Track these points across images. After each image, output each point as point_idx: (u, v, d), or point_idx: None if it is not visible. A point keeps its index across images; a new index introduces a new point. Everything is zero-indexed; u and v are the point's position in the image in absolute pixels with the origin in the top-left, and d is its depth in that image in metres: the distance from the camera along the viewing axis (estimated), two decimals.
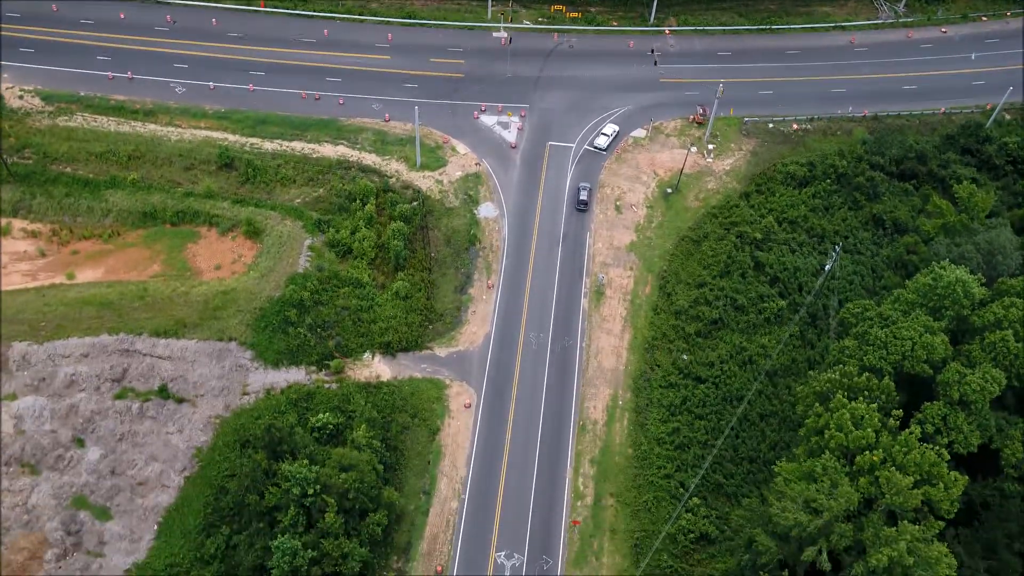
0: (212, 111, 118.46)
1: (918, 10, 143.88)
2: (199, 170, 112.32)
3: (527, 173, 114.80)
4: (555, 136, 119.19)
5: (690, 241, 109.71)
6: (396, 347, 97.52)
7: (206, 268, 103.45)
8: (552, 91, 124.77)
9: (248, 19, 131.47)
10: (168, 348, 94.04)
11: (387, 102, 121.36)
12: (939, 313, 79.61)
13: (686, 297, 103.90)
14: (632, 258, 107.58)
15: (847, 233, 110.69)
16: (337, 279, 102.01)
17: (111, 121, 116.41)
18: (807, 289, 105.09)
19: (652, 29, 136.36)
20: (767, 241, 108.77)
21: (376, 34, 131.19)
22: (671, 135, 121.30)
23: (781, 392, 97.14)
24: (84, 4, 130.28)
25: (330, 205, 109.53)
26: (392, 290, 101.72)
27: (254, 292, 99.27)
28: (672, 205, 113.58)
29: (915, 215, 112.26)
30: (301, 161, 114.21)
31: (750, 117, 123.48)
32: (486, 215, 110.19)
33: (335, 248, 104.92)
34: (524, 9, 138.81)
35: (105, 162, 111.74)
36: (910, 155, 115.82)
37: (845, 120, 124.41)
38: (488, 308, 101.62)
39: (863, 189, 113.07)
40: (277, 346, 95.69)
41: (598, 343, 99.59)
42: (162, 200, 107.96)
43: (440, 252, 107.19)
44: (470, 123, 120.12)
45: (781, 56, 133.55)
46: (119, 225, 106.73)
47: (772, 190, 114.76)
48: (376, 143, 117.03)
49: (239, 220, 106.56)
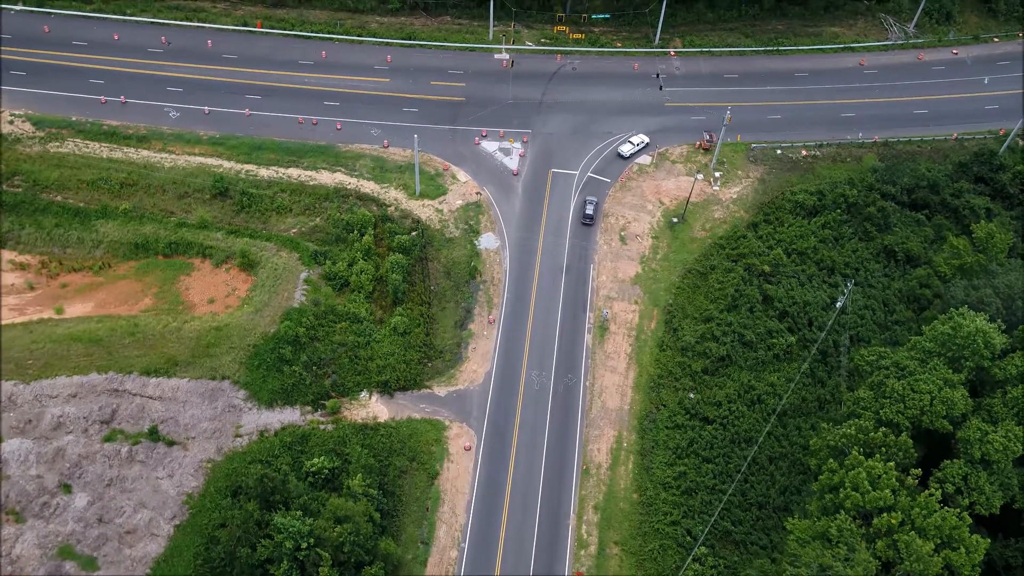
0: (207, 137, 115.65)
1: (928, 30, 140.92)
2: (193, 199, 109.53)
3: (529, 202, 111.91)
4: (558, 163, 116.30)
5: (696, 274, 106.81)
6: (394, 386, 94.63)
7: (199, 302, 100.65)
8: (555, 115, 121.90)
9: (244, 40, 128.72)
10: (159, 388, 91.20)
11: (386, 127, 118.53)
12: (958, 363, 76.67)
13: (692, 333, 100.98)
14: (637, 291, 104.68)
15: (858, 265, 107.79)
16: (334, 313, 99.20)
17: (103, 147, 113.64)
18: (817, 324, 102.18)
19: (657, 51, 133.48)
20: (776, 274, 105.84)
21: (375, 55, 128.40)
22: (677, 161, 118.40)
23: (791, 433, 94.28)
24: (77, 25, 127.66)
25: (327, 235, 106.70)
26: (390, 325, 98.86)
27: (248, 328, 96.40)
28: (678, 235, 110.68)
29: (927, 246, 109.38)
30: (298, 189, 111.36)
31: (758, 143, 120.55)
32: (487, 246, 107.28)
33: (332, 281, 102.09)
34: (526, 29, 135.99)
35: (97, 190, 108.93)
36: (922, 184, 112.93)
37: (855, 146, 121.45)
38: (489, 344, 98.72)
39: (874, 220, 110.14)
40: (271, 385, 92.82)
41: (602, 381, 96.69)
42: (154, 231, 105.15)
43: (440, 285, 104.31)
44: (471, 149, 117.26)
45: (789, 79, 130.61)
46: (110, 257, 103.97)
47: (781, 220, 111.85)
48: (375, 170, 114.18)
49: (233, 251, 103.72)
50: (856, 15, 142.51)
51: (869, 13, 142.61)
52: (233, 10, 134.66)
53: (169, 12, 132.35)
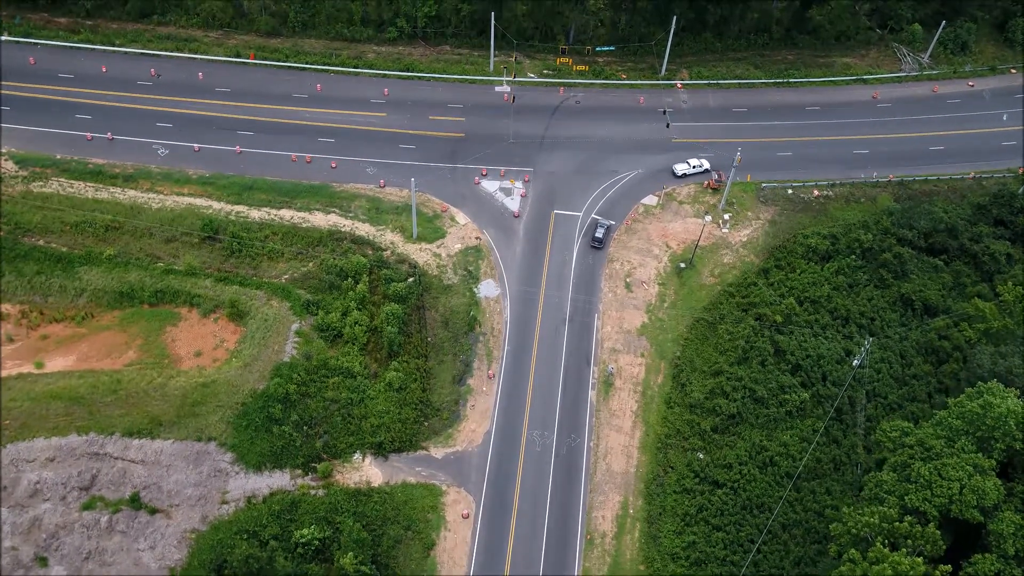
0: (196, 176, 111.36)
1: (943, 61, 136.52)
2: (181, 242, 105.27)
3: (531, 246, 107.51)
4: (561, 204, 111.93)
5: (705, 324, 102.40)
6: (389, 447, 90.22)
7: (185, 355, 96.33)
8: (557, 152, 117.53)
9: (237, 72, 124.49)
10: (142, 450, 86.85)
11: (382, 165, 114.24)
12: (987, 444, 72.23)
13: (701, 388, 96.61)
14: (643, 343, 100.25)
15: (873, 315, 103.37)
16: (326, 368, 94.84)
17: (89, 187, 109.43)
18: (832, 379, 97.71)
19: (663, 83, 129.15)
20: (788, 324, 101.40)
21: (372, 88, 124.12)
22: (684, 202, 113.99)
23: (805, 497, 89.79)
24: (64, 56, 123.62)
25: (320, 283, 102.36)
26: (385, 380, 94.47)
27: (236, 384, 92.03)
28: (686, 282, 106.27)
29: (945, 294, 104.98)
30: (290, 232, 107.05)
31: (768, 183, 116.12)
32: (487, 294, 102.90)
33: (324, 333, 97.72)
34: (528, 60, 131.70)
35: (81, 233, 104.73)
36: (939, 228, 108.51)
37: (869, 185, 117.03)
38: (488, 402, 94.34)
39: (890, 266, 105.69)
40: (260, 447, 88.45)
41: (607, 442, 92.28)
42: (140, 278, 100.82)
43: (437, 336, 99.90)
44: (471, 189, 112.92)
45: (800, 112, 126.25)
46: (93, 306, 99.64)
47: (792, 265, 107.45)
48: (370, 211, 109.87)
49: (222, 300, 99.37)
50: (868, 45, 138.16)
51: (882, 43, 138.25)
52: (226, 40, 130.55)
53: (159, 42, 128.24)
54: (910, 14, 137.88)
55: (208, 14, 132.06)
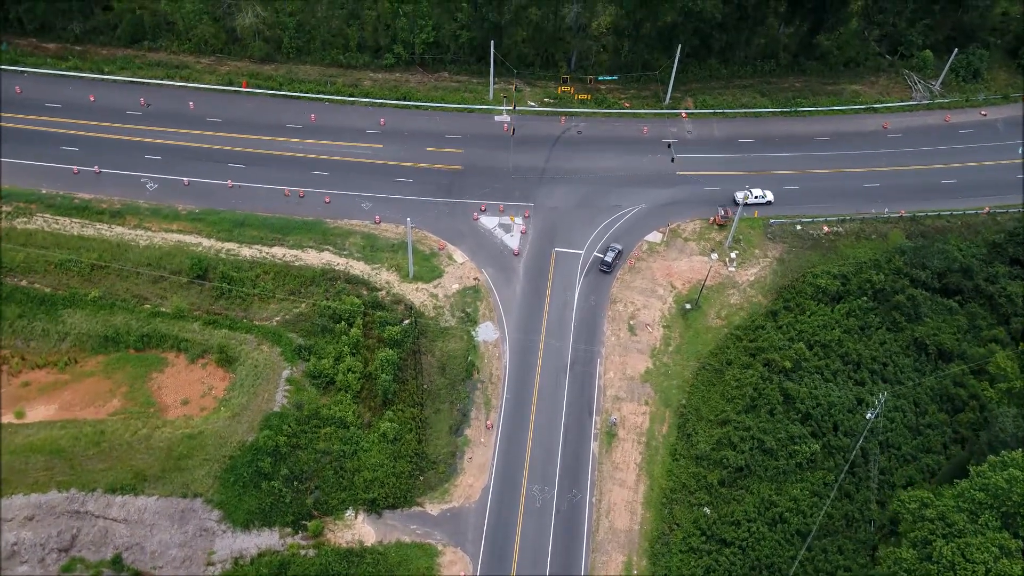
0: (186, 212, 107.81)
1: (954, 88, 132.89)
2: (169, 282, 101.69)
3: (531, 286, 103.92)
4: (562, 241, 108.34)
5: (712, 369, 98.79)
6: (382, 504, 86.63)
7: (172, 403, 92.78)
8: (559, 186, 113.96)
9: (229, 102, 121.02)
10: (124, 508, 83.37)
11: (378, 200, 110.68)
12: (1013, 520, 68.68)
13: (708, 438, 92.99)
14: (647, 390, 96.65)
15: (886, 359, 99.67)
16: (318, 418, 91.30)
17: (74, 223, 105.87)
18: (843, 429, 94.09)
19: (667, 112, 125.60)
20: (797, 369, 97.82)
21: (367, 118, 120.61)
22: (689, 239, 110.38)
23: (816, 557, 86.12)
24: (51, 84, 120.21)
25: (312, 326, 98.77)
26: (379, 431, 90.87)
27: (224, 436, 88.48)
28: (691, 324, 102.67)
29: (960, 337, 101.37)
30: (282, 271, 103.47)
31: (776, 219, 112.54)
32: (485, 338, 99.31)
33: (316, 380, 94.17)
34: (529, 87, 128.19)
35: (65, 273, 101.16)
36: (954, 267, 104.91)
37: (880, 221, 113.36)
38: (487, 454, 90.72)
39: (903, 309, 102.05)
40: (248, 504, 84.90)
41: (610, 497, 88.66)
42: (125, 321, 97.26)
43: (434, 383, 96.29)
44: (469, 225, 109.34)
45: (808, 143, 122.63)
46: (77, 351, 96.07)
47: (802, 306, 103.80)
48: (365, 249, 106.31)
49: (211, 345, 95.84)
50: (878, 71, 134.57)
51: (892, 69, 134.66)
52: (218, 66, 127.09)
53: (150, 69, 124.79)
54: (920, 40, 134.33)
55: (200, 39, 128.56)
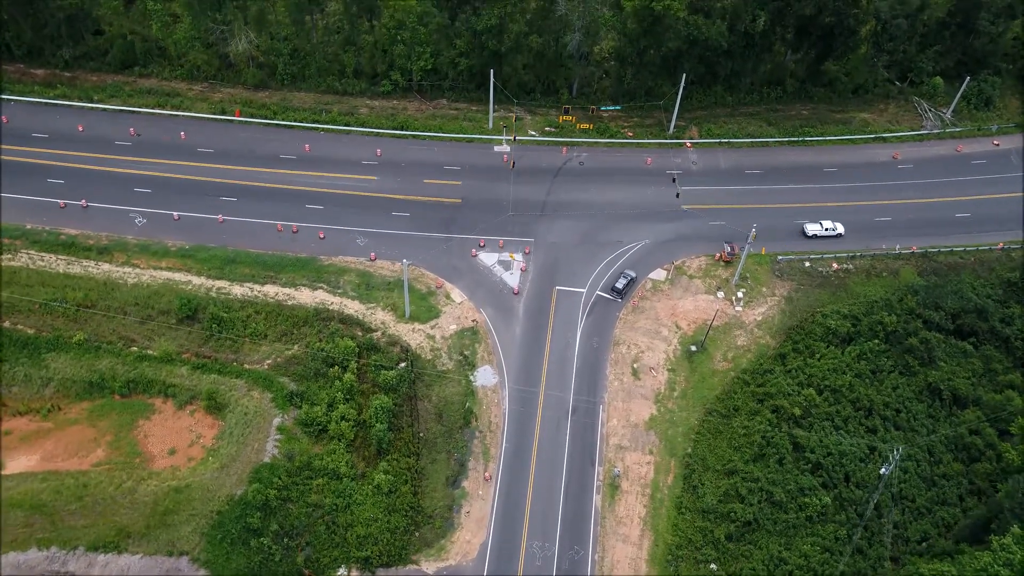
0: (175, 248, 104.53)
1: (966, 116, 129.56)
2: (157, 322, 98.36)
3: (531, 327, 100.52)
4: (563, 279, 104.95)
5: (718, 415, 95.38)
6: (376, 561, 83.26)
7: (158, 453, 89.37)
8: (560, 220, 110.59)
9: (222, 131, 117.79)
10: (107, 567, 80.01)
11: (374, 235, 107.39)
12: None
13: (714, 490, 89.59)
14: (652, 438, 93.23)
15: (899, 406, 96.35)
16: (310, 469, 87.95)
17: (60, 260, 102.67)
18: (855, 480, 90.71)
19: (671, 141, 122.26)
20: (807, 416, 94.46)
21: (363, 148, 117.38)
22: (695, 276, 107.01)
23: None
24: (38, 113, 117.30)
25: (305, 370, 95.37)
26: (373, 482, 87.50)
27: (212, 489, 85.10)
28: (697, 367, 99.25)
29: (976, 382, 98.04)
30: (274, 311, 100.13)
31: (784, 255, 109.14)
32: (484, 383, 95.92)
33: (308, 428, 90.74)
34: (529, 116, 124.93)
35: (50, 313, 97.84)
36: (968, 308, 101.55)
37: (891, 258, 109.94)
38: (485, 508, 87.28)
39: (916, 352, 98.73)
40: (236, 563, 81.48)
41: (613, 554, 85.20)
42: (111, 365, 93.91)
43: (430, 430, 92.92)
44: (467, 262, 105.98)
45: (816, 174, 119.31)
46: (61, 396, 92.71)
47: (811, 348, 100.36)
48: (360, 287, 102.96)
49: (199, 391, 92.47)
50: (887, 99, 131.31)
51: (901, 96, 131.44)
52: (211, 94, 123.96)
53: (140, 97, 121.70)
54: (931, 66, 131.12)
55: (192, 66, 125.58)
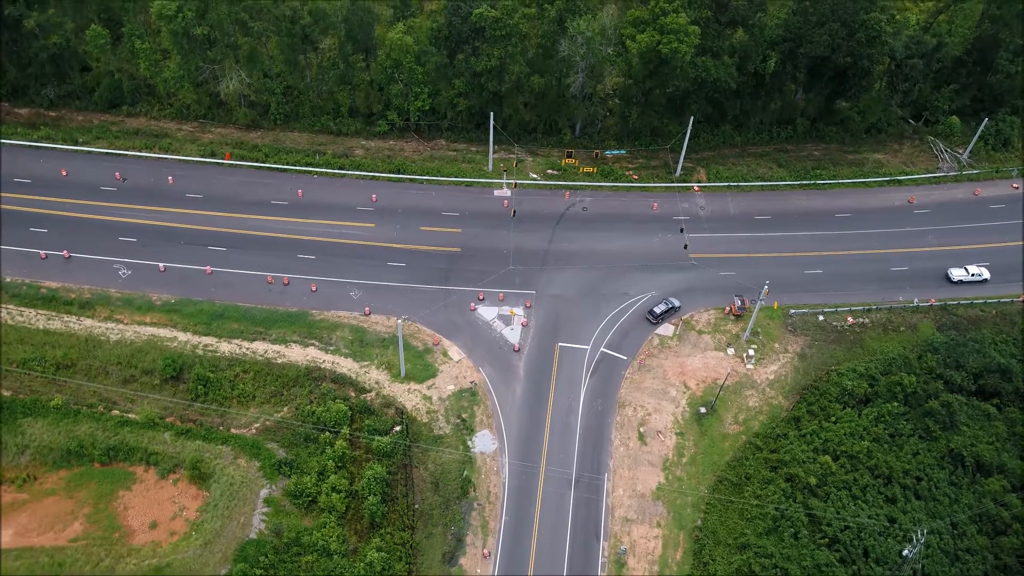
0: (160, 302, 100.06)
1: (984, 157, 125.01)
2: (140, 383, 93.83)
3: (533, 387, 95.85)
4: (566, 334, 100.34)
5: (729, 484, 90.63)
6: None
7: (139, 527, 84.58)
8: (562, 271, 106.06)
9: (211, 175, 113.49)
10: None
11: (368, 288, 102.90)
12: None
13: (726, 567, 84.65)
14: (660, 509, 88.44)
15: (919, 473, 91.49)
16: (299, 544, 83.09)
17: (40, 315, 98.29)
18: (874, 556, 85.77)
19: (678, 185, 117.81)
20: (823, 485, 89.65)
21: (359, 193, 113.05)
22: (704, 331, 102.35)
23: None
24: (20, 157, 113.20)
25: (294, 435, 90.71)
26: (366, 559, 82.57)
27: (195, 569, 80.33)
28: (707, 431, 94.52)
29: (1000, 447, 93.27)
30: (263, 370, 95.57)
31: (796, 309, 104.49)
32: (482, 449, 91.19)
33: (298, 499, 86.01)
34: (531, 157, 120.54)
35: (28, 374, 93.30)
36: (991, 368, 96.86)
37: (908, 311, 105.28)
38: None
39: (937, 416, 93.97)
40: None
41: None
42: (91, 431, 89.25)
43: (426, 501, 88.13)
44: (466, 317, 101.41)
45: (829, 220, 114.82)
46: (37, 465, 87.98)
47: (826, 411, 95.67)
48: (353, 344, 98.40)
49: (183, 459, 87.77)
50: (902, 138, 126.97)
51: (916, 136, 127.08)
52: (200, 134, 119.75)
53: (128, 138, 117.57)
54: (947, 105, 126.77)
55: (182, 104, 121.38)
